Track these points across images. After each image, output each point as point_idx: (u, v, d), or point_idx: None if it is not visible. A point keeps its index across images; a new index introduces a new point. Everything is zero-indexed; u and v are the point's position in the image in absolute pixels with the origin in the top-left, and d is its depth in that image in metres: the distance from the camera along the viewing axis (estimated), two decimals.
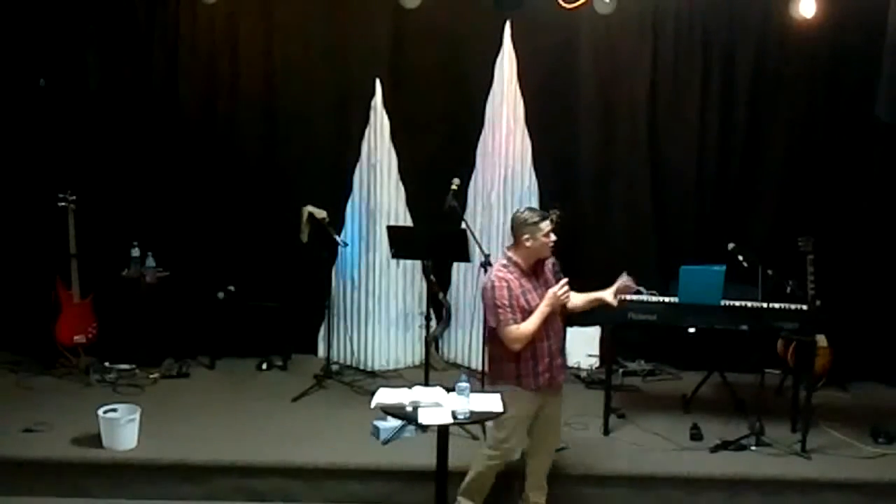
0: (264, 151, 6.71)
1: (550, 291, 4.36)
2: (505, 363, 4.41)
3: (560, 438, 4.88)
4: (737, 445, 5.28)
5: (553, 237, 4.44)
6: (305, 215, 6.32)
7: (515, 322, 4.29)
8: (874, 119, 6.17)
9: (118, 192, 6.60)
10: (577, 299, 4.55)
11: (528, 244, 4.37)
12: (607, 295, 4.52)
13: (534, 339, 4.33)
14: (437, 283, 6.11)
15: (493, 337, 4.44)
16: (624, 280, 4.57)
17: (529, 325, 4.31)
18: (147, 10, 6.53)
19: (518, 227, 4.38)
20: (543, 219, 4.39)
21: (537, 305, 4.34)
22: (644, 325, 5.53)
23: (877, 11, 5.98)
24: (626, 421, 5.69)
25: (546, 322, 4.36)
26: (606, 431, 5.51)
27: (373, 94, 6.60)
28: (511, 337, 4.30)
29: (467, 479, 4.60)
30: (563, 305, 4.44)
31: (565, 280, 4.41)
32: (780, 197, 6.66)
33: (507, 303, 4.29)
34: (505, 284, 4.31)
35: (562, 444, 5.27)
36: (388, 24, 6.53)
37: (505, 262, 4.42)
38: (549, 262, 4.55)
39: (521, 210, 4.48)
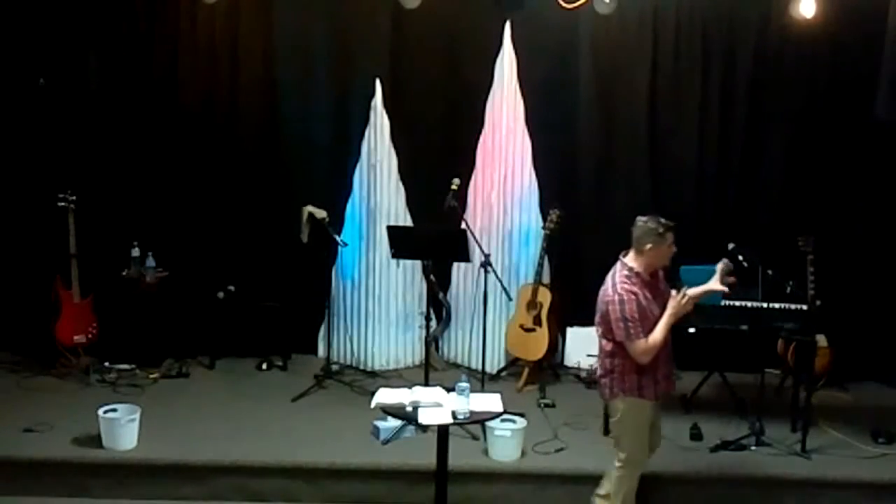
0: (264, 151, 6.70)
1: (673, 300, 4.25)
2: (627, 375, 4.30)
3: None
4: (737, 445, 5.28)
5: (675, 248, 4.35)
6: (305, 215, 6.32)
7: (644, 335, 4.20)
8: (874, 119, 6.17)
9: (118, 192, 6.60)
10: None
11: (651, 253, 4.27)
12: (715, 284, 4.40)
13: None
14: (437, 283, 6.12)
15: (613, 351, 4.31)
16: (724, 263, 4.49)
17: (657, 335, 4.20)
18: (147, 10, 6.53)
19: (643, 236, 4.27)
20: (668, 229, 4.29)
21: (659, 315, 4.25)
22: None
23: (877, 11, 5.98)
24: None
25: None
26: (606, 431, 5.50)
27: (373, 94, 6.60)
28: (640, 350, 4.19)
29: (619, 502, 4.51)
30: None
31: (685, 288, 4.30)
32: (780, 197, 6.66)
33: (636, 316, 4.16)
34: (634, 297, 4.17)
35: (561, 443, 5.29)
36: (388, 24, 6.53)
37: (627, 272, 4.28)
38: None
39: (645, 219, 4.34)
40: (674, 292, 4.30)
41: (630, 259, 4.33)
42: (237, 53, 6.60)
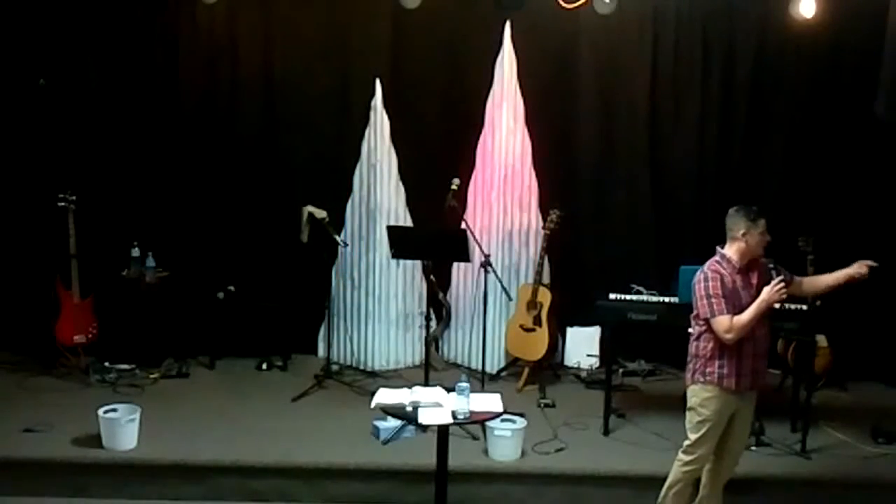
0: (264, 151, 6.71)
1: (769, 287, 4.26)
2: (710, 361, 4.30)
3: (747, 442, 4.76)
4: None
5: (768, 236, 4.37)
6: (305, 215, 6.32)
7: (729, 312, 4.22)
8: (874, 119, 6.16)
9: (118, 192, 6.60)
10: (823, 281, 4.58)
11: (743, 240, 4.31)
12: (855, 269, 4.54)
13: (743, 337, 4.26)
14: (437, 283, 6.12)
15: (700, 333, 4.34)
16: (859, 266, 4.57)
17: (744, 317, 4.21)
18: (147, 11, 6.53)
19: (735, 224, 4.32)
20: (759, 216, 4.32)
21: (748, 304, 4.26)
22: (644, 325, 5.53)
23: (877, 11, 5.97)
24: (626, 421, 5.69)
25: (758, 320, 4.28)
26: (606, 431, 5.51)
27: (373, 94, 6.60)
28: (725, 326, 4.20)
29: (665, 488, 4.52)
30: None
31: (780, 277, 4.31)
32: (780, 197, 6.66)
33: (720, 293, 4.21)
34: (718, 276, 4.24)
35: (561, 443, 5.29)
36: (388, 24, 6.53)
37: (718, 258, 4.34)
38: (764, 263, 4.43)
39: (736, 208, 4.38)
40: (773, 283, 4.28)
41: (725, 249, 4.38)
42: (237, 53, 6.61)
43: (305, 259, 6.55)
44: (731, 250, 4.35)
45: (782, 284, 4.27)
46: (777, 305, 5.36)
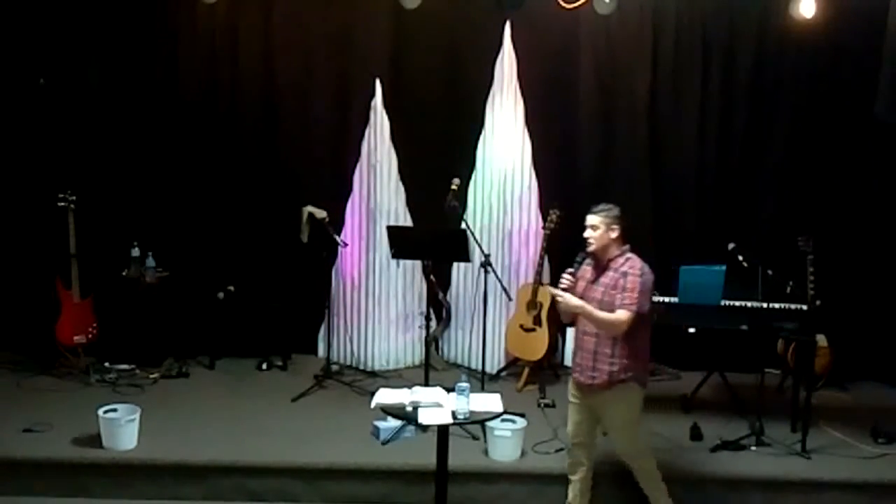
0: (264, 151, 6.71)
1: None
2: (640, 360, 4.40)
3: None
4: (737, 445, 5.28)
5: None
6: (305, 215, 6.32)
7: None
8: (874, 119, 6.17)
9: (118, 192, 6.61)
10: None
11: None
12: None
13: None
14: (437, 283, 6.11)
15: (632, 330, 4.32)
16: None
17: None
18: (147, 11, 6.53)
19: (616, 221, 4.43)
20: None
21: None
22: None
23: (877, 11, 5.98)
24: None
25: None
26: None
27: (373, 94, 6.60)
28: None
29: (655, 494, 4.57)
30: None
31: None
32: (780, 197, 6.66)
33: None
34: None
35: (561, 443, 5.29)
36: (388, 24, 6.53)
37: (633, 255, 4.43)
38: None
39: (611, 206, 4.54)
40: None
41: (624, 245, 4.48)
42: (237, 53, 6.61)
43: (305, 259, 6.55)
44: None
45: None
46: (777, 305, 5.39)
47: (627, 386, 4.36)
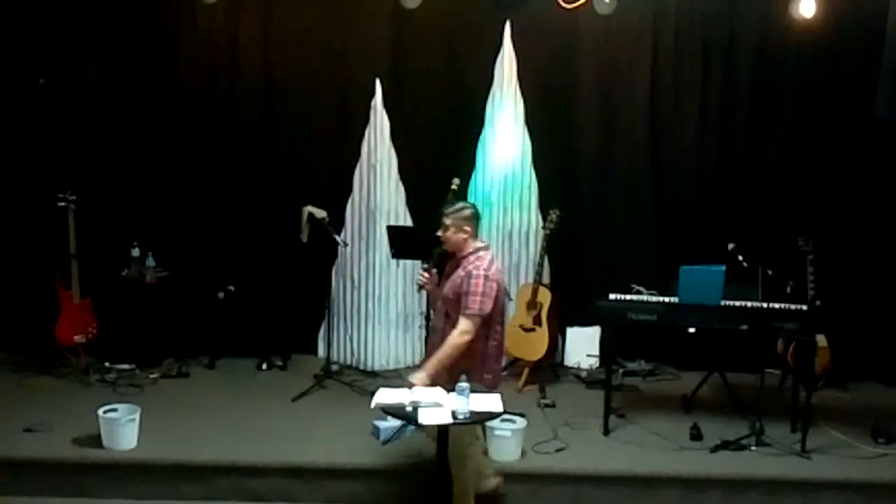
0: (264, 151, 6.71)
1: None
2: (475, 359, 4.44)
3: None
4: (737, 445, 5.28)
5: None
6: (305, 215, 6.32)
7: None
8: (874, 119, 6.17)
9: (118, 192, 6.60)
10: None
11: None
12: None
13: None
14: None
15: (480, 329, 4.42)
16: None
17: None
18: (147, 11, 6.54)
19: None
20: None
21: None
22: (644, 325, 5.52)
23: (877, 11, 5.98)
24: (626, 421, 5.69)
25: None
26: (606, 431, 5.51)
27: (373, 94, 6.60)
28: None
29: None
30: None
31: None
32: (780, 197, 6.66)
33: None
34: None
35: (561, 443, 5.29)
36: (388, 24, 6.53)
37: (486, 253, 4.53)
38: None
39: (468, 204, 4.65)
40: None
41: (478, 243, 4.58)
42: (237, 53, 6.61)
43: (305, 259, 6.55)
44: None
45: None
46: (777, 305, 5.39)
47: None
